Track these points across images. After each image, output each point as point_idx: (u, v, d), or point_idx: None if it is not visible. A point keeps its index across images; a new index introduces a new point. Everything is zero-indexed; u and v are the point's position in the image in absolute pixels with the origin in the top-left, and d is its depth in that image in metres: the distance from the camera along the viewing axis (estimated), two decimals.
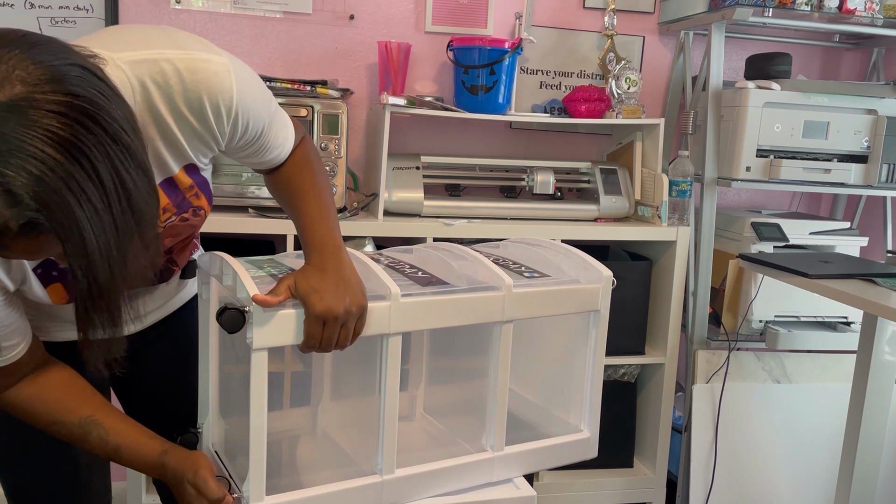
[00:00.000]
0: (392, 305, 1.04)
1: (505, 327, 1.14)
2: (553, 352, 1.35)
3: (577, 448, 1.28)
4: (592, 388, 1.27)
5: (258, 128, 0.99)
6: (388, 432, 1.08)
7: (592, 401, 1.27)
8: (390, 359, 1.06)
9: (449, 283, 1.11)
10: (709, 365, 2.29)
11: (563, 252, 1.28)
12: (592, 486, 2.34)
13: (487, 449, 1.18)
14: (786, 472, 2.30)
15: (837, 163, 2.27)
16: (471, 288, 1.11)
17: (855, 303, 1.68)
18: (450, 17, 2.37)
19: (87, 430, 1.01)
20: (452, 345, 1.33)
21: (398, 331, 1.05)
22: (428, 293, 1.07)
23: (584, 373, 1.27)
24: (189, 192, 1.01)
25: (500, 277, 1.13)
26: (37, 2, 2.11)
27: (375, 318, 1.03)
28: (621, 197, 2.29)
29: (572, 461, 1.28)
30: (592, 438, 1.29)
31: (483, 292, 1.11)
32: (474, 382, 1.23)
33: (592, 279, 1.22)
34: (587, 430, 1.28)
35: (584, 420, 1.29)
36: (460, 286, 1.11)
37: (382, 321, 1.04)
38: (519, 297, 1.13)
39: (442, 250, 1.23)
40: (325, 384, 1.28)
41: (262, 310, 0.95)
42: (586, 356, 1.26)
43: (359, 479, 1.09)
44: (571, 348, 1.29)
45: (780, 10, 2.15)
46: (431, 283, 1.11)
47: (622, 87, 2.29)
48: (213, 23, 2.24)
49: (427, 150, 2.39)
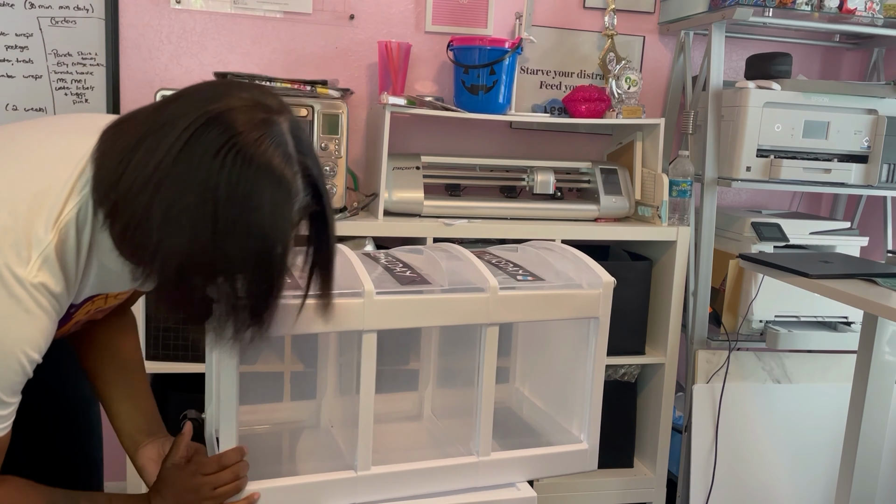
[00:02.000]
0: (366, 302, 1.04)
1: (490, 330, 1.13)
2: (559, 358, 1.33)
3: (574, 459, 1.24)
4: (593, 398, 1.23)
5: None
6: (363, 429, 1.08)
7: (592, 411, 1.23)
8: (365, 356, 1.06)
9: (430, 283, 1.11)
10: (709, 365, 2.28)
11: (570, 257, 1.26)
12: (592, 486, 2.34)
13: (474, 453, 1.17)
14: (786, 472, 2.30)
15: (837, 163, 2.26)
16: (451, 288, 1.10)
17: (855, 303, 1.67)
18: (450, 16, 2.37)
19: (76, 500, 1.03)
20: (462, 347, 1.33)
21: (372, 328, 1.06)
22: (405, 292, 1.07)
23: (584, 381, 1.24)
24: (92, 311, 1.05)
25: (486, 279, 1.12)
26: (37, 2, 2.11)
27: (350, 315, 1.03)
28: (621, 197, 2.29)
29: (568, 472, 1.25)
30: (591, 450, 1.25)
31: (464, 293, 1.11)
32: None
33: (595, 285, 1.20)
34: (586, 441, 1.25)
35: (584, 430, 1.25)
36: (442, 286, 1.10)
37: (356, 318, 1.04)
38: (505, 299, 1.12)
39: (441, 251, 1.23)
40: (330, 380, 1.28)
41: None
42: (586, 364, 1.23)
43: (333, 472, 1.09)
44: (573, 356, 1.27)
45: (780, 10, 2.14)
46: (414, 282, 1.10)
47: (622, 87, 2.29)
48: (213, 23, 2.24)
49: (427, 150, 2.39)
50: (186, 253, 0.83)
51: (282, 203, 0.85)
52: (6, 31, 2.11)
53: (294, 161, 0.87)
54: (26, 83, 2.14)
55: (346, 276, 1.06)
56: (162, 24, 2.21)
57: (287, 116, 0.90)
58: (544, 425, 1.33)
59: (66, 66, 2.15)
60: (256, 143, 0.84)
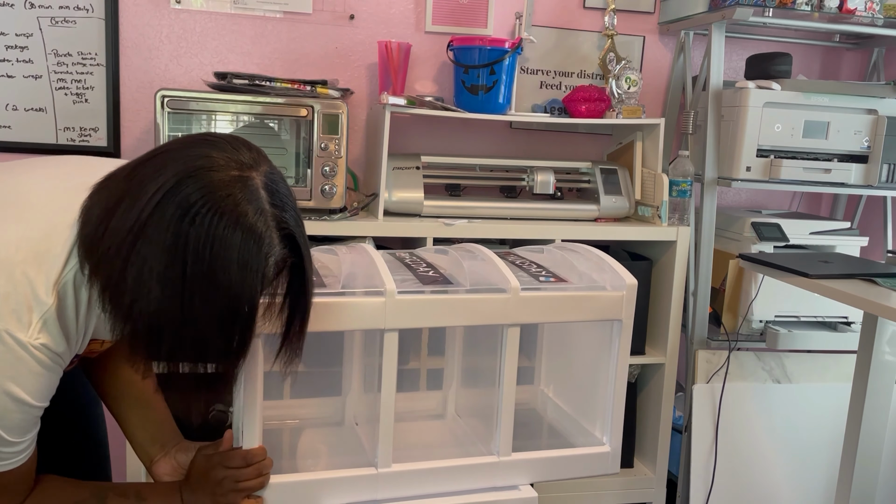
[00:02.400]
0: (387, 302, 1.04)
1: (511, 330, 1.13)
2: (582, 360, 1.33)
3: (596, 461, 1.24)
4: (615, 400, 1.23)
5: None
6: (384, 427, 1.09)
7: (615, 413, 1.23)
8: (386, 354, 1.07)
9: (453, 283, 1.11)
10: (709, 365, 2.28)
11: (594, 259, 1.26)
12: (593, 486, 2.34)
13: (494, 453, 1.17)
14: (786, 472, 2.30)
15: (837, 163, 2.26)
16: (473, 289, 1.11)
17: (855, 303, 1.67)
18: (450, 16, 2.37)
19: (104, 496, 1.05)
20: (486, 347, 1.33)
21: (394, 327, 1.06)
22: (426, 291, 1.08)
23: (607, 384, 1.24)
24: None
25: (508, 280, 1.12)
26: (37, 2, 2.11)
27: (371, 314, 1.04)
28: (621, 197, 2.29)
29: (590, 474, 1.25)
30: (614, 453, 1.25)
31: (486, 294, 1.11)
32: None
33: (618, 287, 1.20)
34: (609, 443, 1.25)
35: (606, 433, 1.25)
36: (463, 286, 1.11)
37: (378, 317, 1.05)
38: (526, 300, 1.12)
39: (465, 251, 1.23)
40: (355, 378, 1.29)
41: None
42: (609, 367, 1.23)
43: (354, 469, 1.10)
44: (596, 358, 1.27)
45: (780, 10, 2.14)
46: (436, 282, 1.11)
47: (622, 87, 2.29)
48: (213, 23, 2.24)
49: (427, 150, 2.39)
50: (155, 313, 0.84)
51: (252, 259, 0.86)
52: (6, 31, 2.11)
53: (268, 215, 0.88)
54: (26, 83, 2.14)
55: (369, 275, 1.07)
56: (162, 25, 2.21)
57: (263, 170, 0.91)
58: (567, 427, 1.33)
59: (66, 66, 2.15)
60: (226, 200, 0.85)
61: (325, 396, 1.34)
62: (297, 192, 2.03)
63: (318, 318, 1.02)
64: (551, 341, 1.43)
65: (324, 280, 1.10)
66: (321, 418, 1.33)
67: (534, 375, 1.46)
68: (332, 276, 1.11)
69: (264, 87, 2.00)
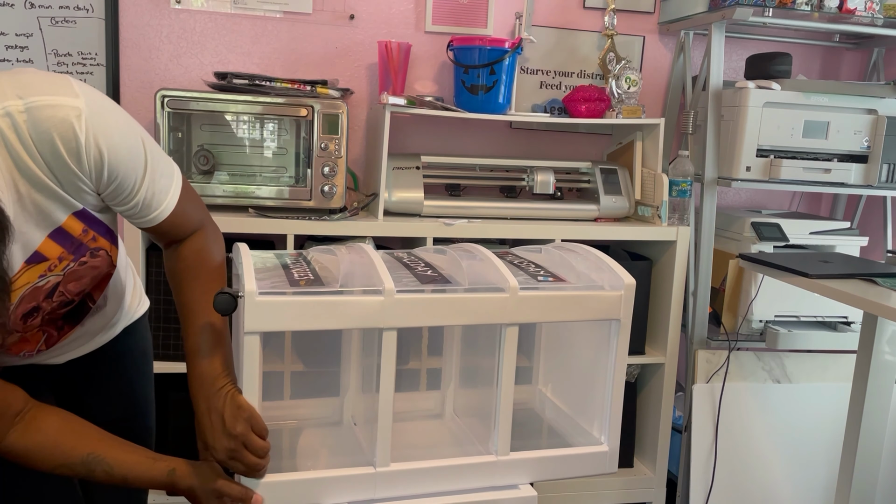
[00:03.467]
0: (386, 301, 1.04)
1: (509, 330, 1.13)
2: (580, 360, 1.33)
3: (594, 461, 1.24)
4: (613, 400, 1.23)
5: (127, 172, 0.97)
6: (382, 426, 1.09)
7: (613, 413, 1.24)
8: (385, 353, 1.07)
9: (451, 283, 1.11)
10: (709, 365, 2.29)
11: (592, 258, 1.26)
12: (592, 486, 2.34)
13: (492, 453, 1.18)
14: (786, 472, 2.30)
15: (837, 163, 2.27)
16: (471, 288, 1.11)
17: (855, 303, 1.68)
18: (450, 16, 2.37)
19: (92, 468, 1.03)
20: (484, 347, 1.33)
21: (392, 326, 1.06)
22: (425, 290, 1.08)
23: (605, 383, 1.24)
24: (84, 236, 1.01)
25: (506, 279, 1.12)
26: (37, 2, 2.11)
27: (370, 313, 1.04)
28: (621, 197, 2.29)
29: (588, 473, 1.25)
30: (611, 452, 1.25)
31: (484, 293, 1.11)
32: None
33: (616, 287, 1.20)
34: (607, 443, 1.25)
35: (604, 432, 1.25)
36: (462, 286, 1.11)
37: (376, 316, 1.05)
38: (524, 300, 1.13)
39: (463, 251, 1.23)
40: (353, 377, 1.30)
41: (255, 296, 0.98)
42: (607, 366, 1.23)
43: (352, 468, 1.10)
44: (594, 357, 1.27)
45: (780, 10, 2.15)
46: (434, 281, 1.11)
47: (622, 86, 2.29)
48: (213, 23, 2.24)
49: (427, 150, 2.39)
50: None
51: None
52: (6, 31, 2.11)
53: None
54: None
55: (368, 274, 1.07)
56: (162, 24, 2.21)
57: None
58: (565, 427, 1.33)
59: (66, 66, 2.15)
60: None
61: (324, 397, 1.34)
62: (298, 192, 2.03)
63: (317, 316, 1.02)
64: (549, 341, 1.43)
65: (322, 280, 1.10)
66: (320, 418, 1.33)
67: (532, 375, 1.46)
68: (331, 276, 1.12)
69: (264, 87, 2.00)
